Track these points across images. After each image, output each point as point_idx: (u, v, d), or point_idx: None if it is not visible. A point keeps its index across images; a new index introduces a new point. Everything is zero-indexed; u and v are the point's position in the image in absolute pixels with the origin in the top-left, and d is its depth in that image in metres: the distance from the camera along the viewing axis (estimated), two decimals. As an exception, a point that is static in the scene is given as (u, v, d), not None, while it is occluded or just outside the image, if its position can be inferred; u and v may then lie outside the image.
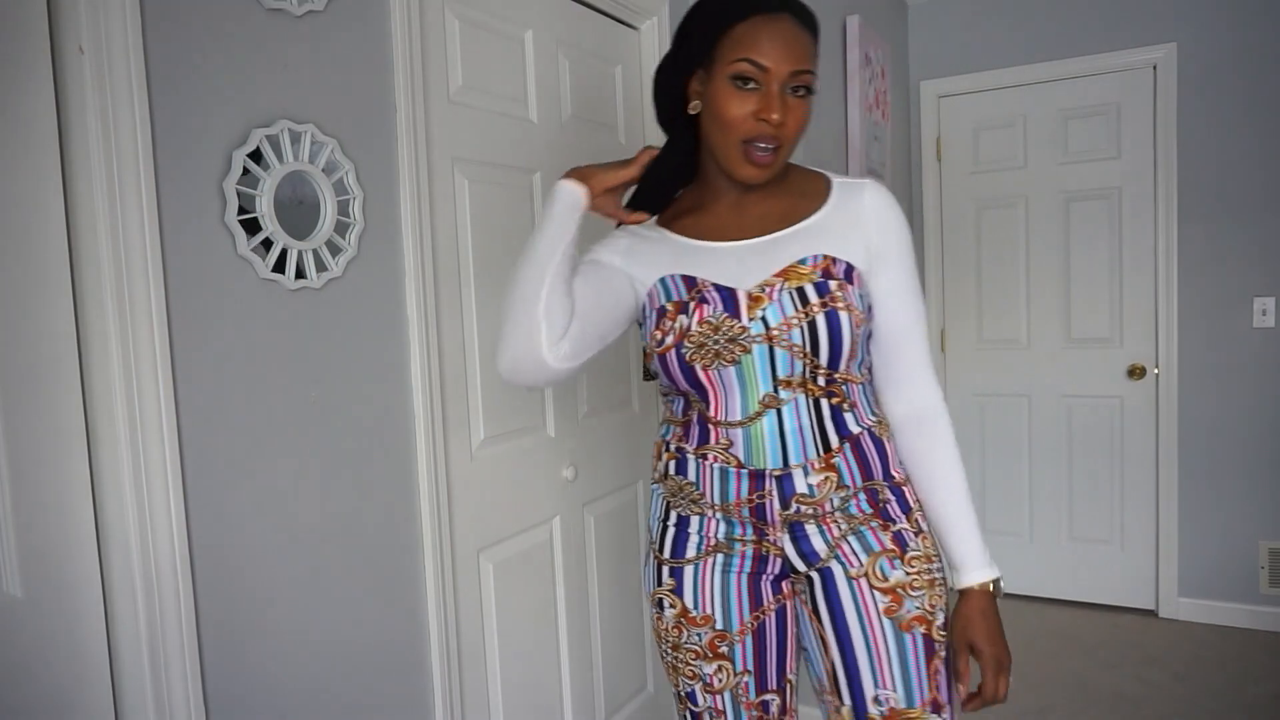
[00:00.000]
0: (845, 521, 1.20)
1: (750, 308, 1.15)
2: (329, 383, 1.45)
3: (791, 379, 1.15)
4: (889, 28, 3.37)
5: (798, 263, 1.15)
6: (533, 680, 1.97)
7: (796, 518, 1.19)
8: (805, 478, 1.17)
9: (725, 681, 1.26)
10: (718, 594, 1.24)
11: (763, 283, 1.15)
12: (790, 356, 1.14)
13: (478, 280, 1.79)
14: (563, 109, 2.06)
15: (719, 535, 1.23)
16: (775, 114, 1.10)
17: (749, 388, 1.16)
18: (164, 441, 1.19)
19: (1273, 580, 3.20)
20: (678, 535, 1.27)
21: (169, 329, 1.20)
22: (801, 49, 1.15)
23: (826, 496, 1.18)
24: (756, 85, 1.12)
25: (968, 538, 1.27)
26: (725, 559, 1.24)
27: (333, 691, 1.47)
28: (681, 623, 1.26)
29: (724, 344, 1.14)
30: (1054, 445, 3.56)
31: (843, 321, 1.13)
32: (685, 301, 1.17)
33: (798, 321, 1.13)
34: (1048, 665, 3.02)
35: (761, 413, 1.16)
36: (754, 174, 1.15)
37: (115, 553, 1.18)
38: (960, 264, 3.67)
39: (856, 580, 1.20)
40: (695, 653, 1.26)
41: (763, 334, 1.14)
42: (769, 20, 1.13)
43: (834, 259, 1.16)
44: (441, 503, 1.67)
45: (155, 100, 1.19)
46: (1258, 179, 3.12)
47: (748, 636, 1.25)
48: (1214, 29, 3.14)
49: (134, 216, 1.15)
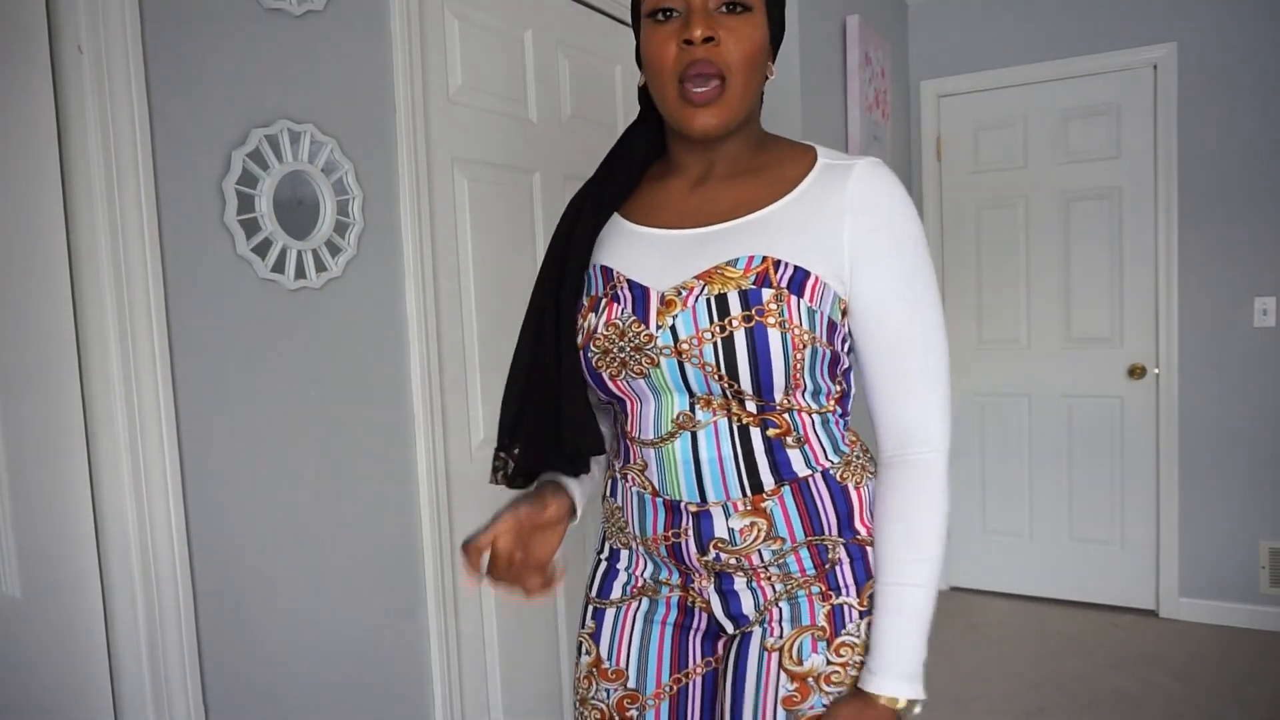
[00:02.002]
0: (782, 582, 0.97)
1: (661, 313, 0.93)
2: (329, 383, 1.45)
3: (710, 399, 0.93)
4: (889, 28, 3.37)
5: (727, 263, 0.92)
6: (533, 681, 1.97)
7: (720, 567, 0.98)
8: (726, 520, 0.95)
9: None
10: (636, 645, 1.04)
11: (680, 284, 0.93)
12: (704, 375, 0.92)
13: (478, 280, 1.79)
14: (563, 109, 2.06)
15: (646, 575, 1.05)
16: (698, 29, 0.89)
17: (664, 401, 0.95)
18: (164, 441, 1.19)
19: (1273, 580, 3.20)
20: (607, 571, 1.09)
21: (169, 329, 1.20)
22: None
23: (752, 547, 0.95)
24: (678, 12, 0.92)
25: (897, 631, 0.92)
26: (650, 604, 1.04)
27: (332, 691, 1.47)
28: (593, 674, 1.06)
29: (630, 353, 0.94)
30: (1054, 445, 3.55)
31: (771, 341, 0.88)
32: (599, 297, 0.98)
33: (711, 337, 0.90)
34: (1048, 665, 3.02)
35: (675, 433, 0.95)
36: (703, 119, 0.92)
37: (115, 553, 1.17)
38: (960, 264, 3.67)
39: (769, 653, 0.96)
40: (601, 713, 1.05)
41: (670, 346, 0.92)
42: None
43: (779, 261, 0.90)
44: (441, 503, 1.67)
45: (155, 100, 1.18)
46: (1258, 179, 3.12)
47: (664, 703, 1.04)
48: (1215, 28, 3.14)
49: (134, 216, 1.15)
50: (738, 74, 0.91)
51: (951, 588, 3.80)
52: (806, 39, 2.47)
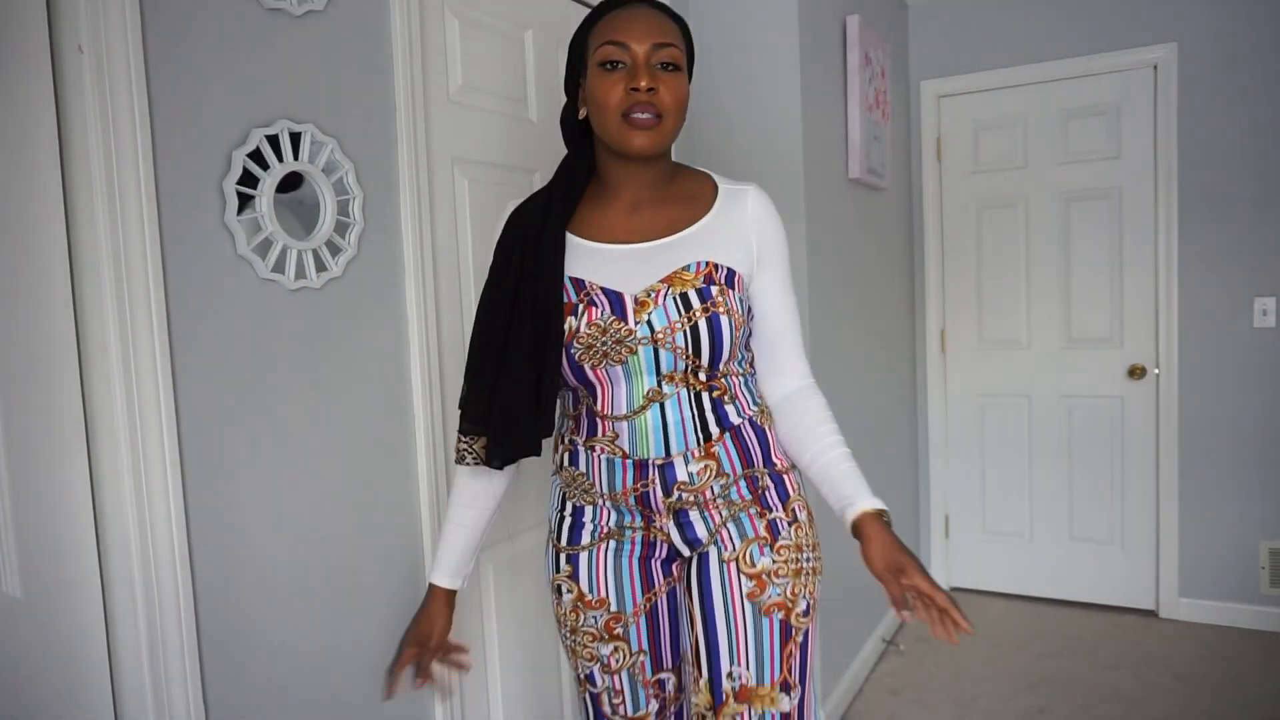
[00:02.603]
0: (726, 508, 1.25)
1: (637, 312, 1.19)
2: (329, 383, 1.45)
3: (675, 375, 1.20)
4: (889, 28, 3.37)
5: (683, 269, 1.20)
6: (533, 681, 1.97)
7: (680, 505, 1.24)
8: (686, 466, 1.22)
9: (622, 661, 1.31)
10: (611, 577, 1.30)
11: (649, 288, 1.19)
12: (674, 356, 1.19)
13: (478, 280, 1.79)
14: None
15: (610, 523, 1.29)
16: (644, 80, 1.14)
17: (635, 383, 1.20)
18: (164, 441, 1.19)
19: (1273, 580, 3.20)
20: (573, 524, 1.32)
21: (169, 329, 1.20)
22: (660, 26, 1.18)
23: (707, 484, 1.23)
24: (624, 64, 1.17)
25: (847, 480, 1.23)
26: (617, 545, 1.30)
27: (332, 692, 1.47)
28: (579, 606, 1.31)
29: (611, 345, 1.18)
30: (1054, 445, 3.55)
31: (723, 324, 1.19)
32: (575, 304, 1.20)
33: (681, 325, 1.18)
34: (1048, 665, 3.02)
35: (646, 406, 1.21)
36: (641, 141, 1.16)
37: (115, 553, 1.18)
38: (960, 264, 3.67)
39: (727, 564, 1.24)
40: (592, 635, 1.31)
41: (648, 337, 1.18)
42: (625, 9, 1.20)
43: (717, 265, 1.21)
44: (441, 503, 1.67)
45: (155, 100, 1.18)
46: (1258, 179, 3.12)
47: (641, 617, 1.31)
48: (1215, 29, 3.14)
49: (134, 216, 1.15)
50: (670, 114, 1.18)
51: (951, 588, 3.80)
52: (806, 39, 2.47)
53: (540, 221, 1.22)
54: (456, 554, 1.33)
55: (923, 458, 3.78)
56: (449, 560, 1.33)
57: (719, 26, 2.51)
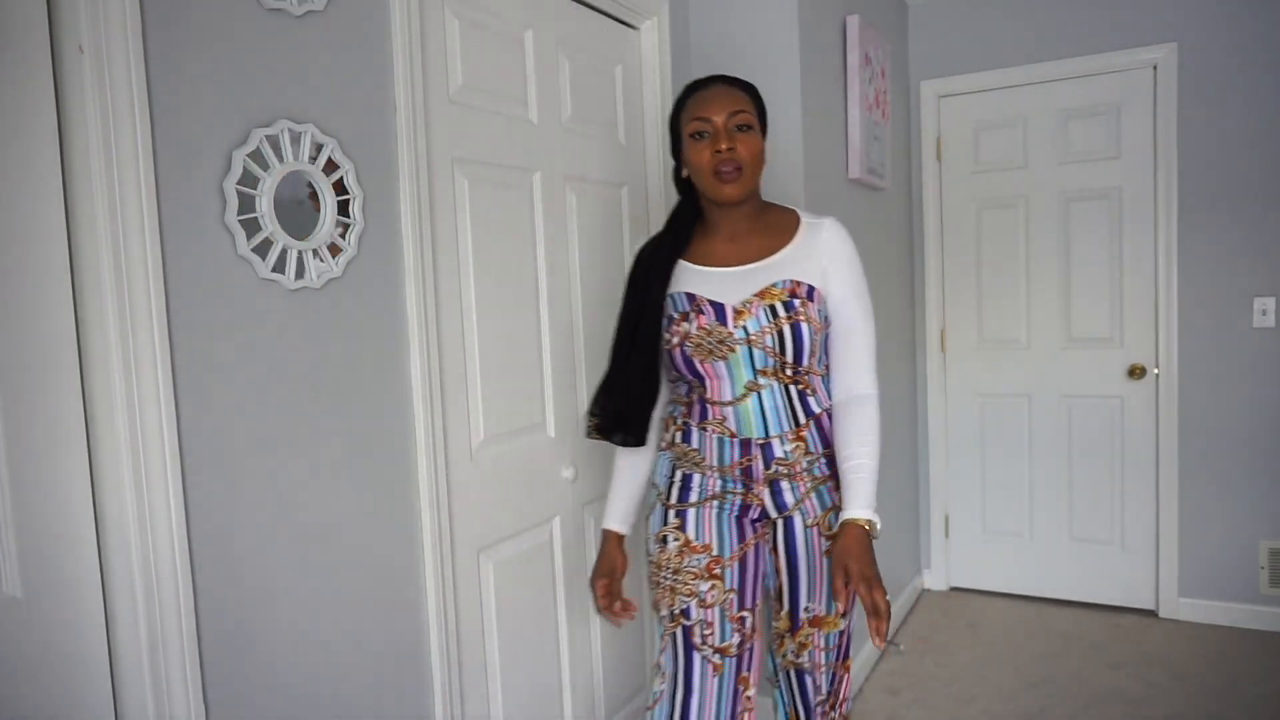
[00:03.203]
0: (810, 481, 1.59)
1: (735, 319, 1.52)
2: (329, 382, 1.45)
3: (768, 370, 1.53)
4: (889, 28, 3.37)
5: (772, 285, 1.52)
6: (533, 680, 1.97)
7: (775, 476, 1.57)
8: (782, 445, 1.55)
9: (717, 598, 1.60)
10: (714, 529, 1.61)
11: (745, 300, 1.52)
12: (765, 354, 1.52)
13: (478, 280, 1.79)
14: (563, 109, 2.06)
15: (715, 488, 1.61)
16: (724, 144, 1.49)
17: (736, 376, 1.54)
18: (164, 441, 1.19)
19: (1273, 580, 3.20)
20: (683, 487, 1.63)
21: (169, 329, 1.20)
22: (733, 99, 1.54)
23: (798, 460, 1.56)
24: (709, 134, 1.52)
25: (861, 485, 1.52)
26: (720, 505, 1.61)
27: (332, 691, 1.47)
28: (685, 550, 1.61)
29: (715, 344, 1.52)
30: (1054, 445, 3.55)
31: (804, 330, 1.51)
32: (688, 312, 1.55)
33: (771, 330, 1.51)
34: (1048, 665, 3.02)
35: (746, 395, 1.54)
36: (728, 191, 1.52)
37: (115, 553, 1.18)
38: (960, 264, 3.67)
39: (811, 528, 1.59)
40: (694, 574, 1.60)
41: (744, 339, 1.51)
42: (705, 90, 1.57)
43: (799, 282, 1.53)
44: (441, 503, 1.67)
45: (155, 100, 1.19)
46: (1258, 179, 3.12)
47: (736, 563, 1.61)
48: (1215, 29, 3.14)
49: (134, 216, 1.15)
50: (749, 165, 1.52)
51: (951, 588, 3.80)
52: (806, 39, 2.47)
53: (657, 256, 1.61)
54: (624, 506, 1.72)
55: (922, 457, 3.79)
56: (620, 511, 1.72)
57: (719, 27, 2.51)
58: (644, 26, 2.34)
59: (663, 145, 2.37)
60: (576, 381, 2.12)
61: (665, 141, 2.37)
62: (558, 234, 2.04)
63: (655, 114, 2.36)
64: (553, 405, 2.03)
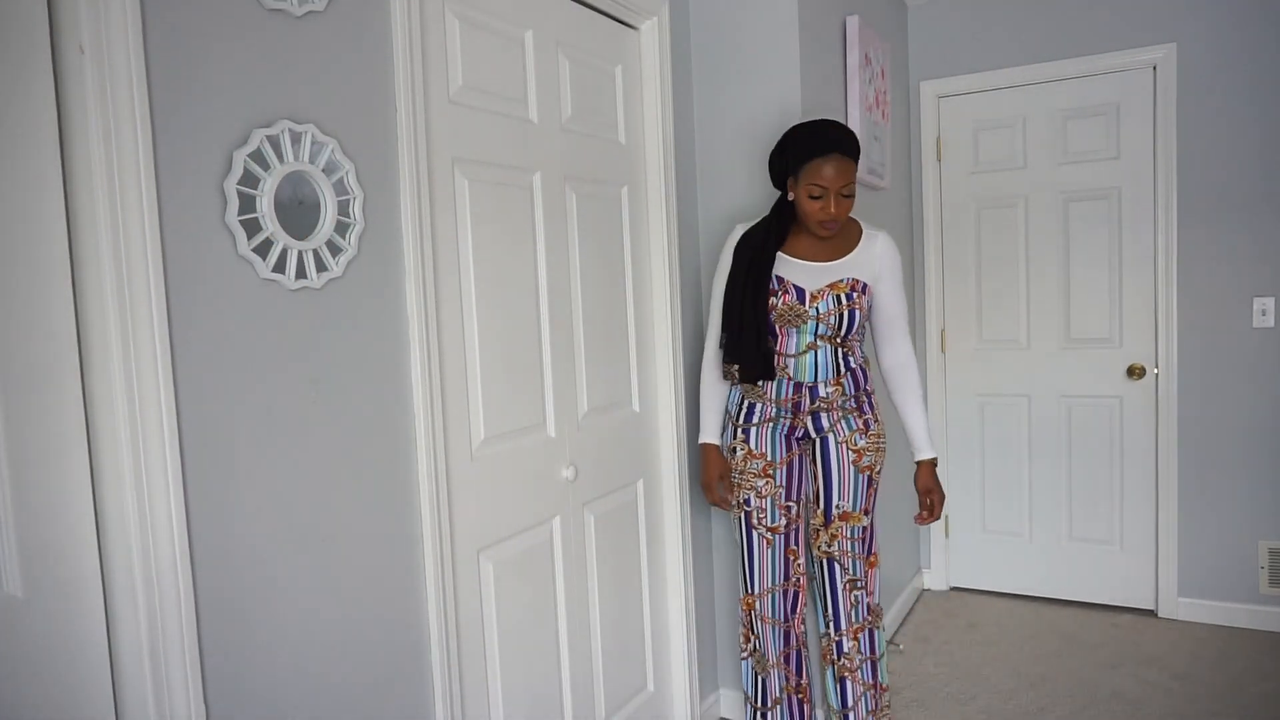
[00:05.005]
0: (841, 412, 2.16)
1: (811, 301, 2.09)
2: (329, 383, 1.46)
3: (825, 336, 2.10)
4: (889, 28, 3.37)
5: (839, 280, 2.10)
6: (533, 680, 1.97)
7: (816, 409, 2.16)
8: (825, 387, 2.13)
9: (770, 490, 2.21)
10: (769, 441, 2.21)
11: (819, 289, 2.09)
12: (826, 327, 2.09)
13: (478, 280, 1.79)
14: (563, 109, 2.06)
15: (771, 414, 2.19)
16: (833, 210, 2.01)
17: (801, 338, 2.11)
18: (164, 441, 1.19)
19: (1273, 580, 3.21)
20: (748, 412, 2.22)
21: (169, 329, 1.20)
22: (845, 172, 2.00)
23: (835, 398, 2.14)
24: (822, 195, 2.01)
25: (919, 432, 2.20)
26: (774, 425, 2.20)
27: (332, 691, 1.47)
28: (748, 456, 2.22)
29: (794, 316, 2.10)
30: (1054, 445, 3.56)
31: (856, 315, 2.09)
32: (777, 291, 2.10)
33: (834, 312, 2.08)
34: (1048, 665, 3.03)
35: (807, 351, 2.11)
36: (824, 234, 2.06)
37: (115, 553, 1.18)
38: (960, 264, 3.67)
39: (841, 445, 2.16)
40: (755, 473, 2.21)
41: (815, 315, 2.09)
42: (827, 159, 1.99)
43: (857, 280, 2.10)
44: (441, 503, 1.67)
45: (155, 100, 1.19)
46: (1258, 179, 3.12)
47: (784, 467, 2.21)
48: (1214, 29, 3.14)
49: (134, 216, 1.15)
50: (843, 219, 2.05)
51: (951, 587, 3.81)
52: (806, 39, 2.47)
53: (761, 243, 2.10)
54: (717, 424, 2.27)
55: (922, 457, 3.78)
56: (715, 426, 2.27)
57: (719, 27, 2.51)
58: (644, 26, 2.34)
59: (662, 145, 2.37)
60: (576, 381, 2.12)
61: (667, 141, 2.37)
62: (558, 234, 2.04)
63: (655, 114, 2.36)
64: (553, 405, 2.03)
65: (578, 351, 2.12)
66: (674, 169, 2.43)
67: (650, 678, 2.42)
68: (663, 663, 2.47)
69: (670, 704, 2.50)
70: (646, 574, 2.39)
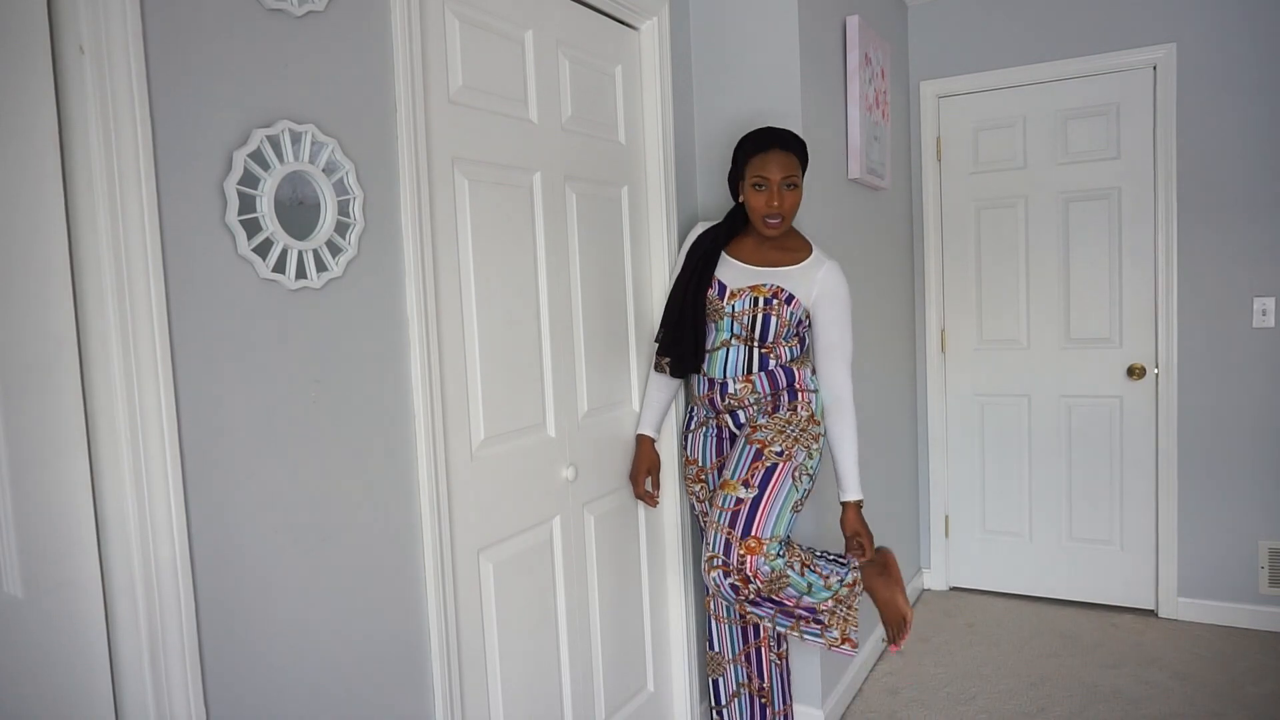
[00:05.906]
0: (756, 409, 2.15)
1: (729, 298, 2.12)
2: (329, 383, 1.46)
3: (739, 336, 2.12)
4: (889, 28, 3.37)
5: (761, 284, 2.11)
6: (533, 680, 1.97)
7: (729, 405, 2.17)
8: (734, 384, 2.14)
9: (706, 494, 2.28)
10: (700, 447, 2.28)
11: (740, 288, 2.12)
12: (741, 327, 2.12)
13: (478, 280, 1.79)
14: (563, 109, 2.06)
15: (702, 417, 2.27)
16: (775, 202, 2.04)
17: (718, 334, 2.15)
18: (164, 441, 1.19)
19: (1273, 580, 3.21)
20: (689, 418, 2.32)
21: (169, 329, 1.20)
22: (787, 163, 2.04)
23: (745, 395, 2.14)
24: (765, 186, 2.05)
25: (847, 471, 2.15)
26: (705, 430, 2.27)
27: (332, 692, 1.47)
28: (686, 463, 2.33)
29: (713, 311, 2.14)
30: (1053, 445, 3.56)
31: (772, 322, 2.09)
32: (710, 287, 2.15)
33: (749, 312, 2.10)
34: (1048, 665, 3.03)
35: (720, 348, 2.14)
36: (770, 230, 2.08)
37: (115, 553, 1.18)
38: (960, 264, 3.67)
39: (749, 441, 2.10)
40: (690, 478, 2.32)
41: (730, 313, 2.12)
42: (769, 153, 2.05)
43: (781, 289, 2.10)
44: (441, 503, 1.67)
45: (155, 100, 1.19)
46: (1257, 179, 3.12)
47: (715, 470, 2.27)
48: (1214, 29, 3.14)
49: (134, 216, 1.15)
50: (789, 215, 2.08)
51: (951, 587, 3.81)
52: (806, 39, 2.47)
53: (711, 241, 2.17)
54: (655, 418, 2.31)
55: (922, 457, 3.79)
56: (652, 420, 2.30)
57: (719, 27, 2.51)
58: (644, 26, 2.34)
59: (662, 145, 2.37)
60: (576, 381, 2.12)
61: (667, 141, 2.37)
62: (558, 234, 2.04)
63: (655, 114, 2.36)
64: (553, 405, 2.03)
65: (578, 351, 2.12)
66: (674, 169, 2.43)
67: (650, 678, 2.41)
68: (663, 663, 2.47)
69: (670, 704, 2.50)
70: (646, 574, 2.39)
